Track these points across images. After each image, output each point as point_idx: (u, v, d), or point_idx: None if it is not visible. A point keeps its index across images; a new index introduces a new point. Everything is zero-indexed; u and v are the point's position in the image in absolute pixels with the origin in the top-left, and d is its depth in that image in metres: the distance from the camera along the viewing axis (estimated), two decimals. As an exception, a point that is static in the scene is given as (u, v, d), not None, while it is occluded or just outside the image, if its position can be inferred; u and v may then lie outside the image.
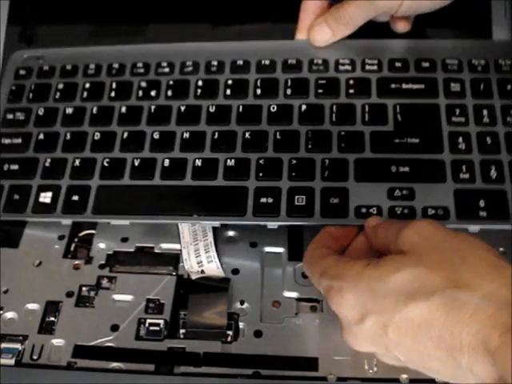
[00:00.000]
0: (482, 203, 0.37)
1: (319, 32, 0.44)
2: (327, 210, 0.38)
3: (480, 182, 0.38)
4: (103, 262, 0.41)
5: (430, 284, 0.28)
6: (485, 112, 0.40)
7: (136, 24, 0.51)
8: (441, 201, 0.38)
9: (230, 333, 0.37)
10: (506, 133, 0.39)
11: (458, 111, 0.41)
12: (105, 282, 0.40)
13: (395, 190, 0.38)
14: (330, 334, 0.36)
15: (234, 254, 0.41)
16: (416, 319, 0.28)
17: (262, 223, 0.39)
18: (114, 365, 0.36)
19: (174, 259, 0.41)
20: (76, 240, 0.42)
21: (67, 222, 0.41)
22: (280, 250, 0.41)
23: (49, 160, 0.43)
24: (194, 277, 0.39)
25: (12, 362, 0.36)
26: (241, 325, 0.38)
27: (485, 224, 0.37)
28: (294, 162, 0.40)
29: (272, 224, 0.39)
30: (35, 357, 0.37)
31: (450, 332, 0.27)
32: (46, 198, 0.41)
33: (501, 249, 0.38)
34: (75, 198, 0.41)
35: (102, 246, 0.42)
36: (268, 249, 0.41)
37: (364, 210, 0.38)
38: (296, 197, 0.39)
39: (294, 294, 0.39)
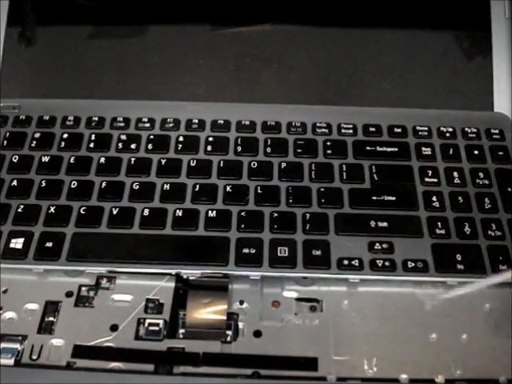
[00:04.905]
0: (458, 257, 0.39)
1: None
2: (310, 262, 0.39)
3: (455, 238, 0.40)
4: None
5: None
6: (455, 174, 0.43)
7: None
8: (419, 254, 0.39)
9: (230, 333, 0.37)
10: (475, 193, 0.42)
11: (430, 172, 0.43)
12: (104, 282, 0.40)
13: (375, 243, 0.39)
14: (330, 334, 0.36)
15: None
16: None
17: (244, 273, 0.39)
18: (114, 365, 0.35)
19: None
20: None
21: (39, 269, 0.39)
22: None
23: (21, 206, 0.41)
24: (192, 277, 0.39)
25: (11, 362, 0.36)
26: (240, 325, 0.37)
27: (462, 277, 0.38)
28: (276, 215, 0.41)
29: (254, 274, 0.39)
30: (34, 357, 0.36)
31: None
32: (17, 243, 0.40)
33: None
34: (49, 244, 0.40)
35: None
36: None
37: (346, 262, 0.39)
38: (278, 248, 0.39)
39: (293, 294, 0.38)
